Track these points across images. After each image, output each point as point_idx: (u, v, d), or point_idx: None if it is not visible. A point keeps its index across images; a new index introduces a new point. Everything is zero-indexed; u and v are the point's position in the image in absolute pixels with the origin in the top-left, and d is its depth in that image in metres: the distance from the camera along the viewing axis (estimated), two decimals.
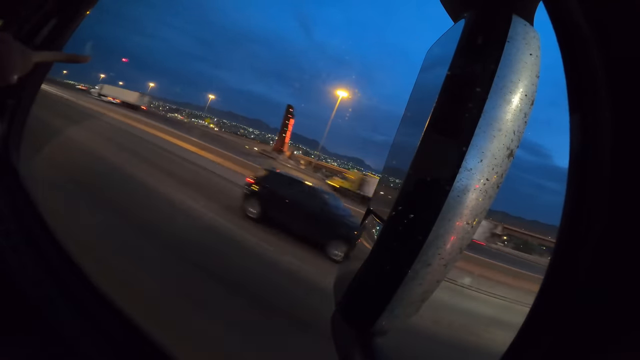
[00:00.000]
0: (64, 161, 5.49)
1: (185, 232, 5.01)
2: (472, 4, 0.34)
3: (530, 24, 0.32)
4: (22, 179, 1.13)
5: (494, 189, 0.30)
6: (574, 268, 0.31)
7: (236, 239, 5.43)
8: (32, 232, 1.00)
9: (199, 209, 6.25)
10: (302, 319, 3.41)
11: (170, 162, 10.07)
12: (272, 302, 3.60)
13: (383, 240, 0.34)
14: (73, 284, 0.90)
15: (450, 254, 0.31)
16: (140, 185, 6.45)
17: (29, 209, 1.06)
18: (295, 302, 3.88)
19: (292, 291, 4.21)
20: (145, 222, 4.64)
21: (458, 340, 4.53)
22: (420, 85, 0.44)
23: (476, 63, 0.31)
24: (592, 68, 0.30)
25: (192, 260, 3.97)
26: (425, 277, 0.31)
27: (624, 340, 0.27)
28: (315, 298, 3.89)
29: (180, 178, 8.04)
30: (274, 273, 4.69)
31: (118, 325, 0.84)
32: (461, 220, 0.30)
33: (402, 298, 0.32)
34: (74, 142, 7.70)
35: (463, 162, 0.29)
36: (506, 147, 0.30)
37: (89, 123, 12.61)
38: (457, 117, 0.30)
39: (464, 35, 0.32)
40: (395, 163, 0.44)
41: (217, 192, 8.14)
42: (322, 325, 0.54)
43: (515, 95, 0.30)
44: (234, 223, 6.10)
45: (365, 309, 0.35)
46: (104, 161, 7.09)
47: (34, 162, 2.66)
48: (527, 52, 0.31)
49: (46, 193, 3.81)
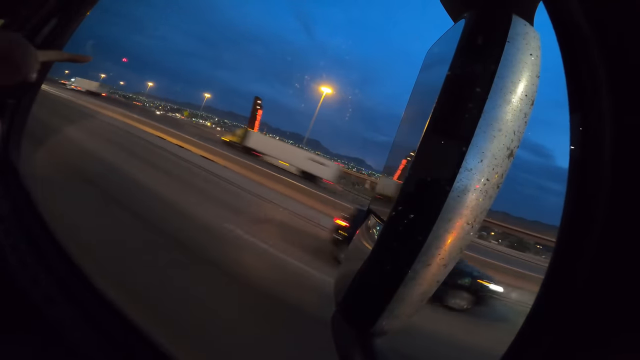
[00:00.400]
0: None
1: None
2: (472, 4, 0.34)
3: (531, 24, 0.32)
4: (22, 179, 1.13)
5: (494, 189, 0.30)
6: (574, 268, 0.31)
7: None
8: (32, 232, 1.00)
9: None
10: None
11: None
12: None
13: (383, 241, 0.34)
14: (73, 283, 0.90)
15: (451, 254, 0.31)
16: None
17: (29, 208, 1.07)
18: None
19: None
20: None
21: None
22: (420, 85, 0.44)
23: (476, 63, 0.31)
24: (592, 68, 0.30)
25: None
26: (425, 278, 0.31)
27: (624, 340, 0.27)
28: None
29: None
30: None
31: (118, 324, 0.84)
32: (461, 220, 0.30)
33: (402, 298, 0.32)
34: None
35: (463, 162, 0.29)
36: (506, 147, 0.30)
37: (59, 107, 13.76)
38: (457, 117, 0.30)
39: (464, 35, 0.32)
40: (395, 163, 0.44)
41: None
42: (321, 326, 0.55)
43: (516, 96, 0.30)
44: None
45: (365, 309, 0.35)
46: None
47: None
48: (527, 52, 0.31)
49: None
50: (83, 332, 0.79)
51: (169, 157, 10.68)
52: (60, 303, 0.84)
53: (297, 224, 7.58)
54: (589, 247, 0.30)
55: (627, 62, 0.28)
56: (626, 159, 0.28)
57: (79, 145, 7.42)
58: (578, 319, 0.29)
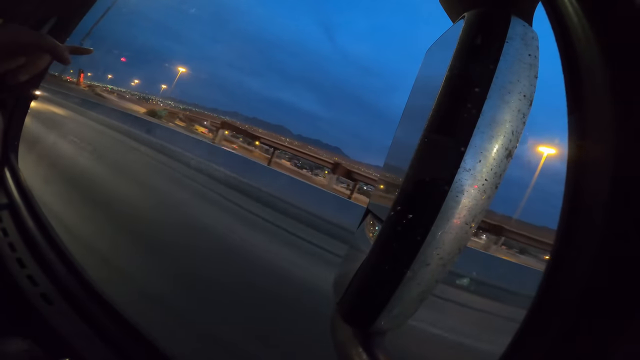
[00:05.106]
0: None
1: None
2: (470, 4, 0.34)
3: (529, 24, 0.32)
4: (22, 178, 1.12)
5: (492, 189, 0.30)
6: (574, 268, 0.31)
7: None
8: (31, 231, 1.00)
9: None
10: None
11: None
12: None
13: (382, 241, 0.34)
14: (71, 282, 0.90)
15: (449, 254, 0.31)
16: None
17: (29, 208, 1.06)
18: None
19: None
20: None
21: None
22: (419, 85, 0.45)
23: (475, 63, 0.31)
24: (592, 68, 0.31)
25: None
26: (424, 277, 0.31)
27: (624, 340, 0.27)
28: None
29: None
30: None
31: (117, 324, 0.84)
32: (460, 220, 0.30)
33: (401, 298, 0.32)
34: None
35: (462, 162, 0.29)
36: (505, 148, 0.30)
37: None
38: (455, 118, 0.30)
39: (462, 36, 0.32)
40: (394, 163, 0.44)
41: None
42: (321, 325, 0.55)
43: (514, 96, 0.30)
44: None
45: (364, 309, 0.35)
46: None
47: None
48: (526, 53, 0.31)
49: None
50: (81, 331, 0.79)
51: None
52: (58, 301, 0.84)
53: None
54: (588, 247, 0.30)
55: (627, 62, 0.28)
56: (626, 158, 0.28)
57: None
58: (578, 319, 0.29)
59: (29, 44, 0.62)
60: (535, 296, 0.33)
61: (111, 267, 2.84)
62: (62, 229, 1.05)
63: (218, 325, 2.63)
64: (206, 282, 3.30)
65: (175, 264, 3.55)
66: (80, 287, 0.89)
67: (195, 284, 3.20)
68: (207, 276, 3.44)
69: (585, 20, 0.29)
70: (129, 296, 2.23)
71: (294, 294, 3.83)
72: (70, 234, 2.92)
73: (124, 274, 2.88)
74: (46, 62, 0.66)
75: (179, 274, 3.33)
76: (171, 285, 3.07)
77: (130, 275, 2.92)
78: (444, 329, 4.26)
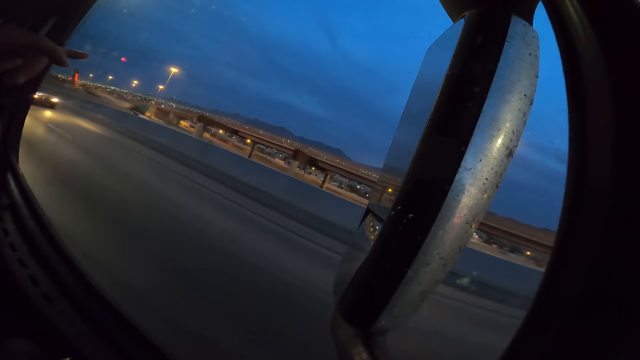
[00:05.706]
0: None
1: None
2: (471, 4, 0.34)
3: (530, 23, 0.32)
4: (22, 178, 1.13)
5: (493, 188, 0.30)
6: (574, 268, 0.31)
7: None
8: (31, 231, 1.00)
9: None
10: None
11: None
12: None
13: (382, 240, 0.34)
14: (71, 282, 0.90)
15: (450, 254, 0.31)
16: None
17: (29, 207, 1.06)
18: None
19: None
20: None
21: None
22: (419, 84, 0.44)
23: (475, 62, 0.31)
24: (592, 67, 0.30)
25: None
26: (424, 277, 0.31)
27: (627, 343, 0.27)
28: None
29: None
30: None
31: (117, 323, 0.84)
32: (460, 219, 0.30)
33: (402, 297, 0.32)
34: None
35: (462, 161, 0.29)
36: (505, 147, 0.30)
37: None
38: (456, 117, 0.30)
39: (463, 35, 0.32)
40: (394, 162, 0.44)
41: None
42: (321, 325, 0.55)
43: (515, 95, 0.30)
44: None
45: (364, 308, 0.35)
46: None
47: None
48: (527, 52, 0.31)
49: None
50: (81, 331, 0.79)
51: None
52: (59, 301, 0.84)
53: None
54: (589, 247, 0.30)
55: (627, 61, 0.28)
56: (626, 159, 0.28)
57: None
58: (578, 319, 0.29)
59: (26, 46, 0.61)
60: (535, 296, 0.33)
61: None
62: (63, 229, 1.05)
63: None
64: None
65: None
66: (81, 287, 0.89)
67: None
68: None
69: (586, 19, 0.29)
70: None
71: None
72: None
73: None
74: (44, 64, 0.65)
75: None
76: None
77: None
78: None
